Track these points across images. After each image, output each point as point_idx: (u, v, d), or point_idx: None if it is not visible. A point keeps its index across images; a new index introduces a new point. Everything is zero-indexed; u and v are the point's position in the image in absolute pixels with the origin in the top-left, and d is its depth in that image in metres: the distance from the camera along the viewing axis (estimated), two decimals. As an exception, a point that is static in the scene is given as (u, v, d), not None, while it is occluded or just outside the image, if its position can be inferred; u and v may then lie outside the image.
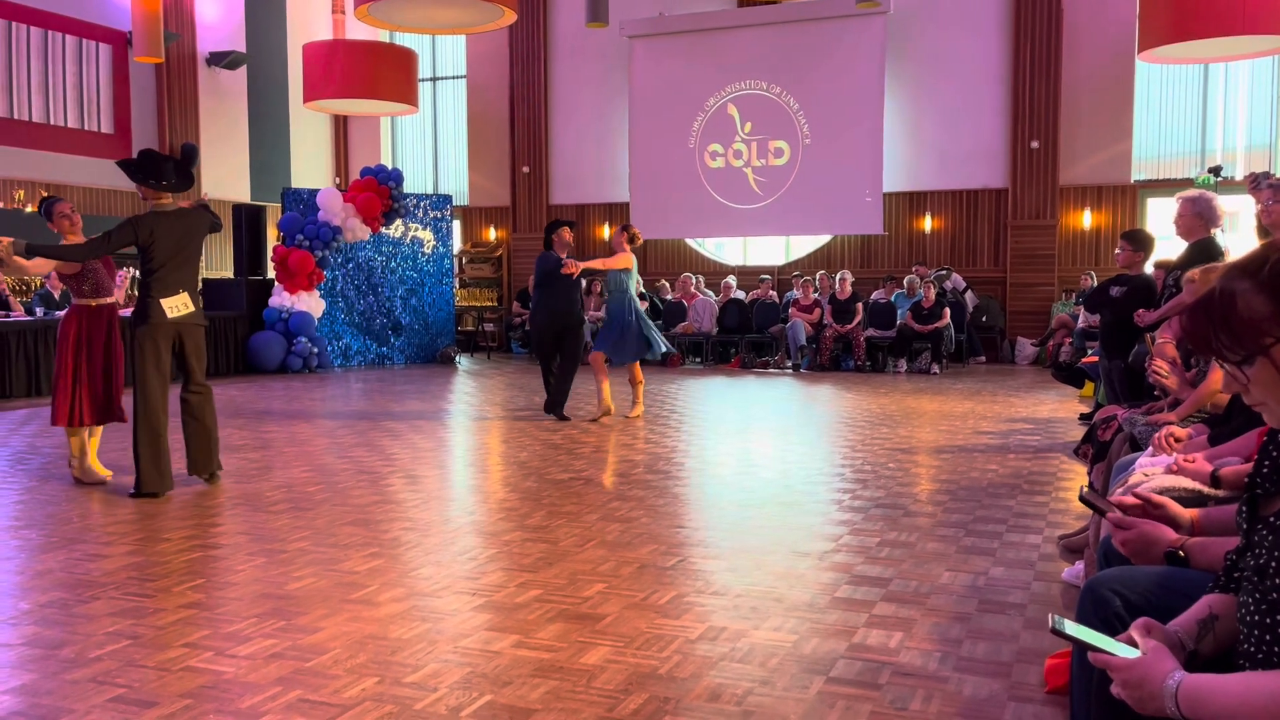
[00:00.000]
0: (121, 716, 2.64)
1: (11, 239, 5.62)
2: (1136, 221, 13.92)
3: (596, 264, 8.46)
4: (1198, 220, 5.85)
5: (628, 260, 8.33)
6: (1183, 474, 2.72)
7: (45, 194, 6.02)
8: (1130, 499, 2.17)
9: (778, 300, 14.32)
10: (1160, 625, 1.67)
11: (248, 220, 13.53)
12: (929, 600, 3.59)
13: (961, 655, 3.06)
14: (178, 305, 5.65)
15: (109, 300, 5.99)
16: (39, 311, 11.00)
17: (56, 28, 13.61)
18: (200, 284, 5.95)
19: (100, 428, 6.00)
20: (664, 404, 9.62)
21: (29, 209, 12.67)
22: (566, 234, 8.50)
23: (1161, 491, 2.57)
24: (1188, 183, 13.13)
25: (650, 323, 8.62)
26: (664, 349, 8.86)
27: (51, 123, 13.58)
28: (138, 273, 7.90)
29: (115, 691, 2.80)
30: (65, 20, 13.70)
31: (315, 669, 2.96)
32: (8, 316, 10.48)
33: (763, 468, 6.27)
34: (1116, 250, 6.90)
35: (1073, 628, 1.60)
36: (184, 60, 15.28)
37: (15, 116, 13.11)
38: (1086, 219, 14.29)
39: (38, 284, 12.23)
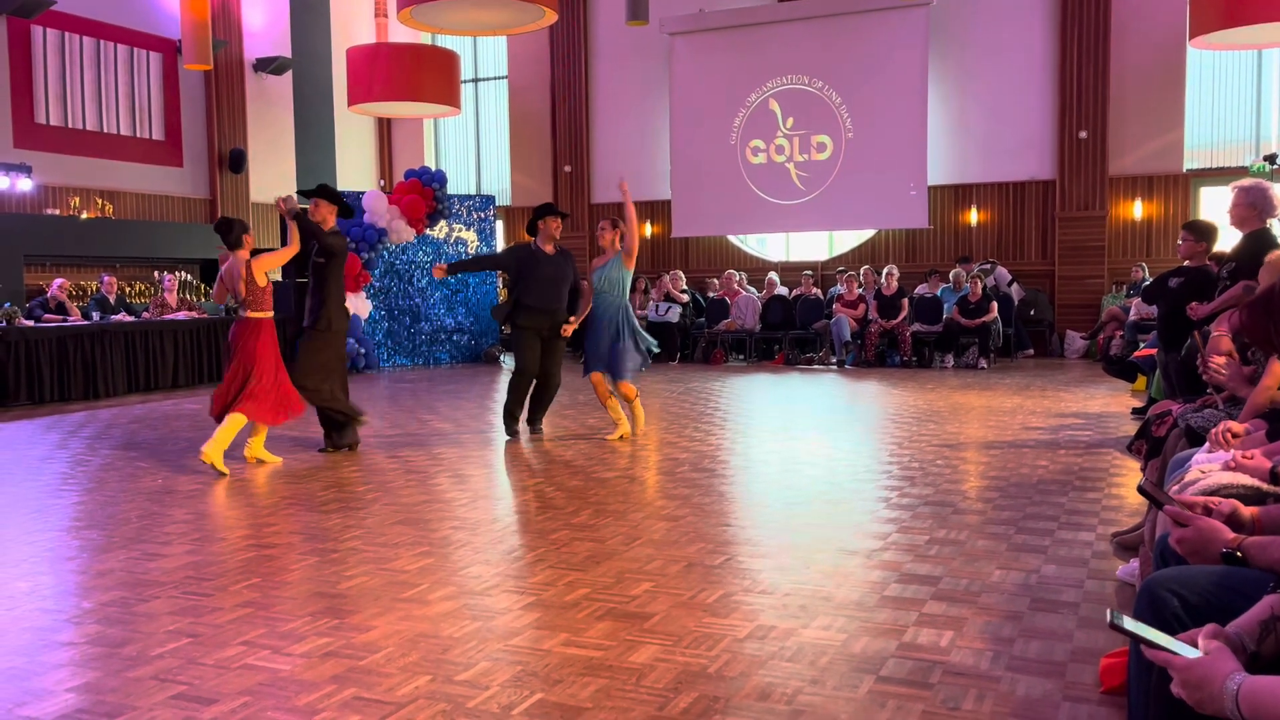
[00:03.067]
0: (183, 713, 2.71)
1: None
2: (1189, 212, 13.65)
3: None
4: (1252, 210, 5.72)
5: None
6: (1241, 470, 2.67)
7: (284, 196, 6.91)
8: (1192, 497, 2.14)
9: (821, 296, 14.24)
10: (1223, 629, 1.64)
11: (295, 223, 13.70)
12: (980, 599, 3.56)
13: (1014, 654, 3.03)
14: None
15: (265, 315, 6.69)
16: (95, 316, 11.24)
17: (108, 37, 13.90)
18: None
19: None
20: (708, 402, 9.62)
21: (84, 216, 12.96)
22: (554, 225, 7.46)
23: (1219, 489, 2.53)
24: (1242, 171, 12.86)
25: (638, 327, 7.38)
26: (653, 348, 7.49)
27: (104, 131, 13.87)
28: (187, 277, 8.16)
29: (177, 689, 2.87)
30: (116, 30, 13.99)
31: (369, 667, 3.01)
32: (65, 321, 10.73)
33: (809, 465, 6.25)
34: (1178, 241, 6.77)
35: (1131, 623, 1.59)
36: (231, 67, 15.54)
37: (70, 125, 13.41)
38: (1137, 210, 14.04)
39: (94, 289, 12.51)
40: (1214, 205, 13.21)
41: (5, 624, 3.48)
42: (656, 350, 7.64)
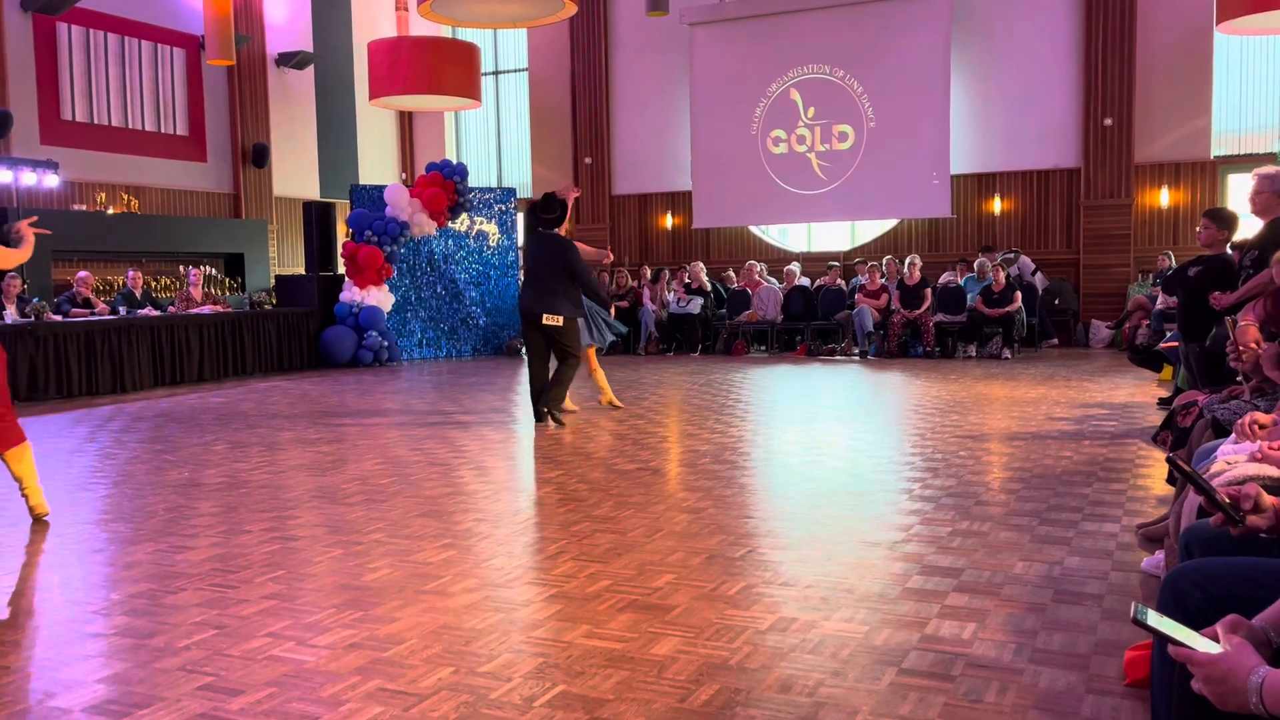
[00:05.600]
0: (210, 704, 2.74)
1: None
2: (1216, 199, 13.49)
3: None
4: (1276, 198, 5.66)
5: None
6: (1267, 461, 2.65)
7: None
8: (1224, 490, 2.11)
9: (844, 287, 14.18)
10: (1246, 620, 1.63)
11: (318, 217, 13.80)
12: (1003, 591, 3.55)
13: (1037, 647, 3.02)
14: None
15: None
16: (121, 310, 11.36)
17: (132, 34, 14.01)
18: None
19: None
20: (729, 393, 9.61)
21: (110, 211, 13.09)
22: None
23: (1245, 479, 2.51)
24: (1271, 158, 12.70)
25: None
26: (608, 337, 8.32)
27: (129, 126, 14.00)
28: (212, 271, 7.56)
29: (204, 680, 2.91)
30: (140, 26, 14.10)
31: (393, 659, 3.03)
32: (92, 316, 10.84)
33: (830, 457, 6.24)
34: (1199, 228, 6.70)
35: (1155, 619, 1.57)
36: (254, 62, 15.63)
37: (95, 121, 13.54)
38: (1163, 197, 13.89)
39: (120, 284, 12.64)
40: (1242, 192, 13.05)
41: (35, 616, 3.53)
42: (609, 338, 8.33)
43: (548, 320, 7.41)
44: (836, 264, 14.66)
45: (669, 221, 16.76)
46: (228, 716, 2.66)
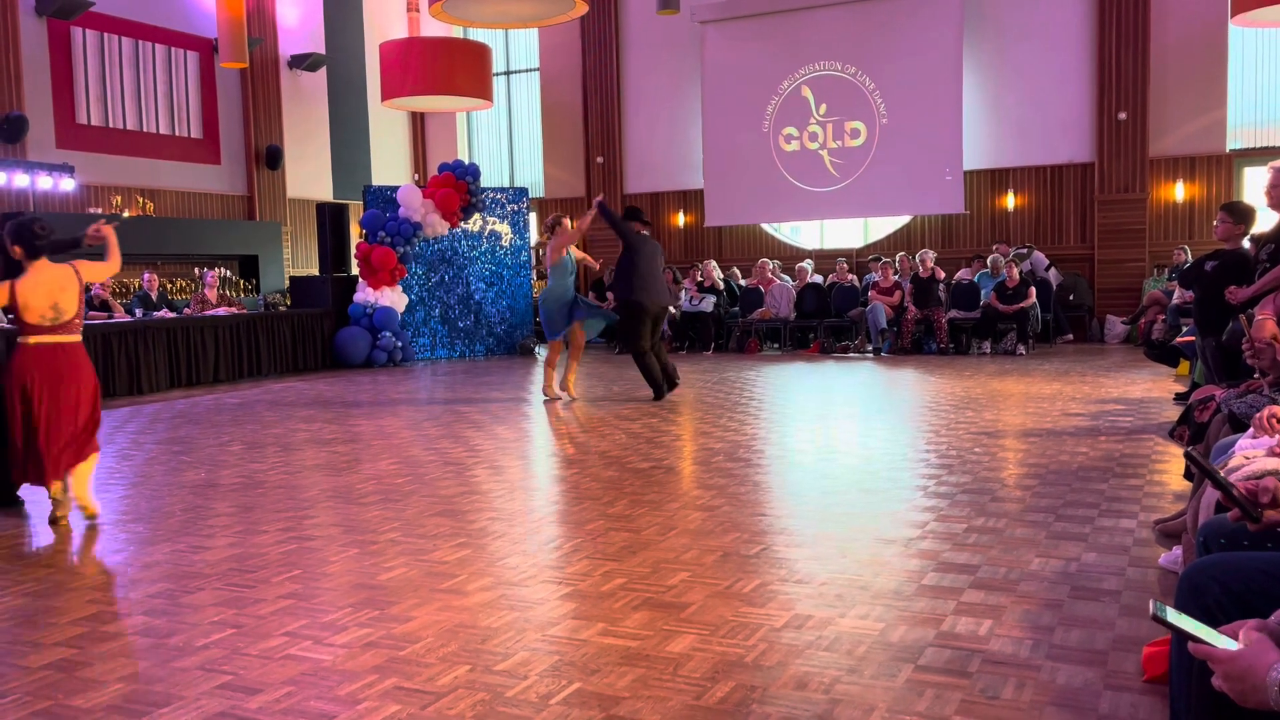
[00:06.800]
0: (229, 703, 2.76)
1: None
2: (1232, 193, 13.39)
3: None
4: (1292, 191, 5.60)
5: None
6: (1286, 456, 2.63)
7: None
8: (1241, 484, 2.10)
9: (857, 283, 14.15)
10: (1264, 620, 1.62)
11: (331, 218, 13.85)
12: (1019, 587, 3.54)
13: (1054, 643, 3.01)
14: None
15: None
16: (138, 313, 11.42)
17: (146, 37, 14.08)
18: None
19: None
20: (743, 391, 9.60)
21: (126, 214, 13.17)
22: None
23: (1263, 474, 2.49)
24: (1287, 150, 12.60)
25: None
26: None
27: (144, 130, 14.07)
28: (227, 273, 7.67)
29: (222, 679, 2.92)
30: (154, 30, 14.17)
31: (409, 657, 3.04)
32: (109, 318, 10.91)
33: (845, 454, 6.22)
34: (1215, 222, 6.65)
35: (1174, 616, 1.57)
36: (267, 64, 15.69)
37: (110, 125, 13.61)
38: (1179, 191, 13.80)
39: (136, 286, 12.71)
40: (1259, 186, 12.95)
41: (55, 616, 3.56)
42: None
43: (673, 310, 8.73)
44: (844, 261, 14.58)
45: (681, 220, 16.75)
46: (246, 715, 2.68)
